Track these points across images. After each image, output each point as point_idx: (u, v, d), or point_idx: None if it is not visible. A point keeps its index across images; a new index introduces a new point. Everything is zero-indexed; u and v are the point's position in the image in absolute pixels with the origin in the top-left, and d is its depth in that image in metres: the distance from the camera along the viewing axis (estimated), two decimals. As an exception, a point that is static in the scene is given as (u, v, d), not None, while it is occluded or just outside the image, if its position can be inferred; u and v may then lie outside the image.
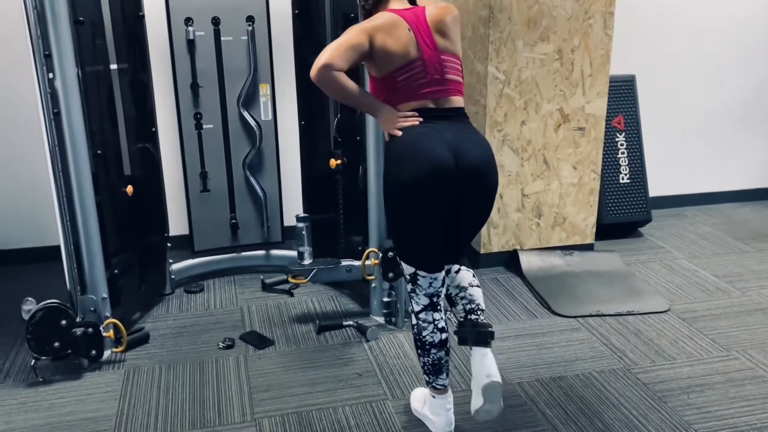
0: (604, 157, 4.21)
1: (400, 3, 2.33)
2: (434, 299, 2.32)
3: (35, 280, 3.59)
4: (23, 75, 2.80)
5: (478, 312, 2.39)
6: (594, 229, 3.96)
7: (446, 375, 2.39)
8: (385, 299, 3.20)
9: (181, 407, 2.61)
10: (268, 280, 3.58)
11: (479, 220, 2.31)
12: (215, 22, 3.37)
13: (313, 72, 2.15)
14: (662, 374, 2.80)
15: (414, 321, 2.36)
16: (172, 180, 3.60)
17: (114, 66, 2.97)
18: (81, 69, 2.70)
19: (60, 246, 2.78)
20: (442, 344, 2.35)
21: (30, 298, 2.85)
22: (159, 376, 2.81)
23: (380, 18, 2.22)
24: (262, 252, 3.74)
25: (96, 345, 2.83)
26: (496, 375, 2.27)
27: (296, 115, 3.59)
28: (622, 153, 4.27)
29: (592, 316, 3.29)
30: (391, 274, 3.10)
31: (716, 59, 4.55)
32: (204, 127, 3.49)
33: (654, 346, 3.02)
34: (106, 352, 2.92)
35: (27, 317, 2.71)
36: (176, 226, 3.69)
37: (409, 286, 2.34)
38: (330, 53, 2.13)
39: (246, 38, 3.42)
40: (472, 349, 2.35)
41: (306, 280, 3.22)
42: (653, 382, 2.74)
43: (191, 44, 3.36)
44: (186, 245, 3.67)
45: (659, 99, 4.46)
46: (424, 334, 2.34)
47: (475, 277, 2.45)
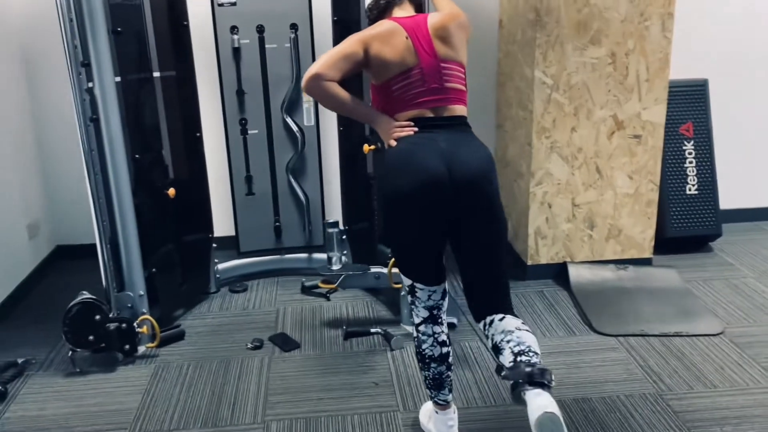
0: (670, 167, 3.97)
1: (404, 11, 2.30)
2: (434, 312, 2.27)
3: (95, 275, 3.80)
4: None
5: (530, 353, 1.98)
6: (652, 243, 3.73)
7: (448, 391, 2.33)
8: (415, 308, 3.15)
9: (199, 404, 2.68)
10: (307, 283, 3.63)
11: (489, 232, 2.14)
12: (260, 30, 3.45)
13: (303, 81, 2.16)
14: (697, 403, 2.60)
15: (414, 333, 2.31)
16: (219, 183, 3.72)
17: (157, 74, 3.10)
18: (120, 77, 2.84)
19: (98, 246, 2.93)
20: (443, 358, 2.28)
21: (84, 292, 3.04)
22: (185, 373, 2.90)
23: (378, 27, 2.20)
24: (304, 255, 3.80)
25: (129, 340, 2.96)
26: (550, 406, 1.84)
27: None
28: (690, 162, 4.00)
29: (634, 335, 3.10)
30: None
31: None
32: (249, 132, 3.58)
33: (695, 371, 2.81)
34: (141, 348, 3.05)
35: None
36: (223, 227, 3.81)
37: (409, 298, 2.29)
38: (321, 63, 2.13)
39: (289, 45, 3.48)
40: (525, 396, 1.89)
41: (335, 286, 3.23)
42: (685, 411, 2.55)
43: (237, 52, 3.46)
44: (232, 246, 3.78)
45: (733, 105, 4.15)
46: (423, 347, 2.29)
47: (525, 324, 2.11)
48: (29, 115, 3.82)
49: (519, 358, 1.97)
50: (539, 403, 1.85)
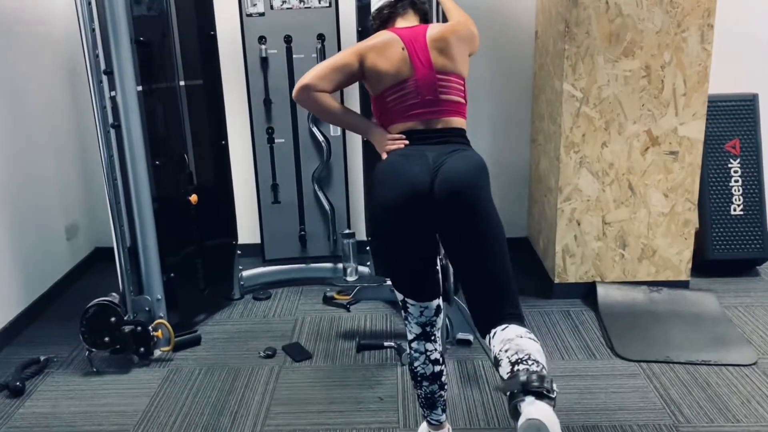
0: (713, 186, 3.77)
1: (407, 21, 2.27)
2: (427, 329, 2.21)
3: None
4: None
5: (529, 361, 1.78)
6: (689, 265, 3.55)
7: (441, 411, 2.28)
8: (430, 323, 3.09)
9: (202, 411, 2.70)
10: (329, 293, 3.61)
11: (479, 245, 2.03)
12: (287, 40, 3.48)
13: (294, 91, 2.15)
14: (715, 438, 2.45)
15: (408, 350, 2.26)
16: (246, 190, 3.76)
17: (181, 82, 3.16)
18: (142, 85, 2.91)
19: (115, 249, 3.00)
20: (435, 377, 2.23)
21: (114, 294, 3.13)
22: (195, 378, 2.93)
23: (375, 38, 2.18)
24: (329, 265, 3.79)
25: (144, 343, 3.02)
26: (538, 413, 1.64)
27: (363, 132, 3.60)
28: (736, 181, 3.79)
29: (658, 362, 2.95)
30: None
31: None
32: (276, 141, 3.61)
33: (720, 403, 2.64)
34: (157, 351, 3.10)
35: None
36: (249, 234, 3.85)
37: (403, 313, 2.25)
38: (313, 74, 2.12)
39: (316, 55, 3.49)
40: (521, 408, 1.70)
41: (350, 297, 3.21)
42: (700, 446, 2.40)
43: (264, 62, 3.49)
44: (258, 253, 3.81)
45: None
46: (415, 364, 2.24)
47: (530, 333, 1.92)
48: (71, 119, 3.97)
49: (517, 367, 1.77)
50: (529, 410, 1.65)
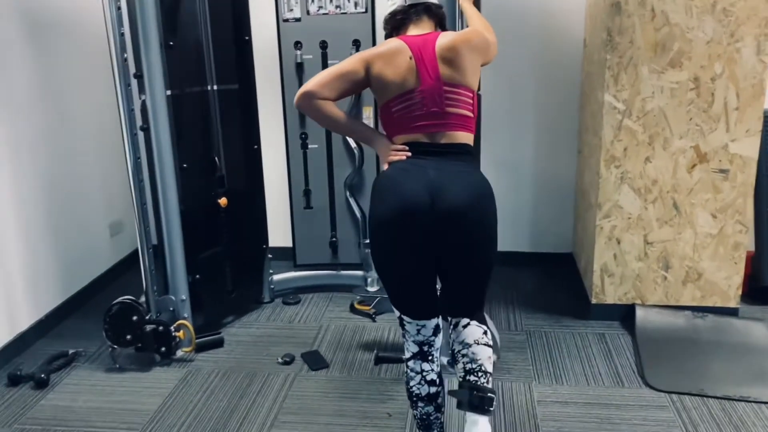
0: (772, 207, 3.52)
1: (420, 28, 2.19)
2: (424, 348, 2.14)
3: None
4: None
5: (479, 374, 2.09)
6: (739, 291, 3.31)
7: (438, 433, 2.20)
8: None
9: (212, 415, 2.71)
10: (356, 302, 3.57)
11: (472, 267, 2.06)
12: (323, 45, 3.46)
13: (295, 98, 2.11)
14: (739, 483, 2.26)
15: (405, 369, 2.19)
16: (278, 195, 3.77)
17: (213, 87, 3.19)
18: (171, 89, 2.95)
19: (140, 249, 3.05)
20: (431, 398, 2.15)
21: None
22: (211, 381, 2.95)
23: (384, 45, 2.12)
24: (360, 272, 3.74)
25: (165, 342, 3.06)
26: None
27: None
28: (797, 203, 3.51)
29: (691, 394, 2.76)
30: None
31: None
32: (309, 146, 3.60)
33: (751, 445, 2.44)
34: (179, 351, 3.14)
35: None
36: (281, 238, 3.86)
37: (401, 330, 2.18)
38: (315, 81, 2.08)
39: (351, 61, 3.45)
40: (466, 415, 2.07)
41: (369, 308, 3.15)
42: (721, 491, 2.22)
43: (300, 67, 3.48)
44: (289, 257, 3.81)
45: None
46: (411, 384, 2.16)
47: (486, 334, 2.17)
48: (115, 118, 4.06)
49: (468, 377, 2.09)
50: (470, 429, 2.00)
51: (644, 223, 3.28)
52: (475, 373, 2.09)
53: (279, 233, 3.84)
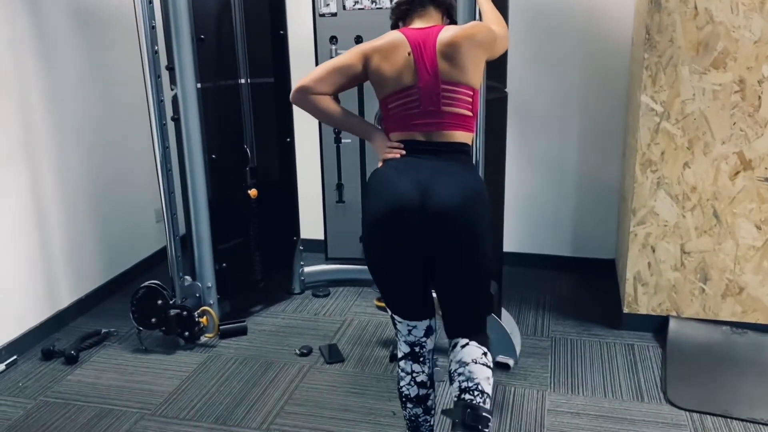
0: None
1: (424, 21, 2.13)
2: (416, 349, 2.12)
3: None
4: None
5: (475, 392, 1.97)
6: (785, 308, 3.11)
7: (426, 436, 2.17)
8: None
9: (222, 401, 2.77)
10: (377, 298, 3.58)
11: (461, 271, 2.00)
12: (358, 40, 3.46)
13: (291, 94, 2.11)
14: None
15: (397, 368, 2.17)
16: (311, 188, 3.80)
17: (244, 80, 3.25)
18: (201, 82, 3.03)
19: (166, 236, 3.15)
20: (420, 400, 2.12)
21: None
22: (228, 368, 3.02)
23: (383, 38, 2.08)
24: (390, 269, 3.73)
25: (189, 327, 3.15)
26: None
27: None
28: None
29: (714, 415, 2.61)
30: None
31: None
32: (342, 141, 3.61)
33: (770, 474, 2.29)
34: (203, 337, 3.23)
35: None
36: (313, 230, 3.89)
37: (395, 329, 2.16)
38: (311, 76, 2.07)
39: (385, 57, 3.44)
40: None
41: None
42: None
43: (335, 61, 3.49)
44: (321, 249, 3.84)
45: None
46: (401, 384, 2.15)
47: (486, 356, 2.05)
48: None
49: (463, 396, 1.98)
50: None
51: (681, 232, 3.12)
52: (471, 392, 1.98)
53: (311, 226, 3.87)
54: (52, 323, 3.36)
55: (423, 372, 2.12)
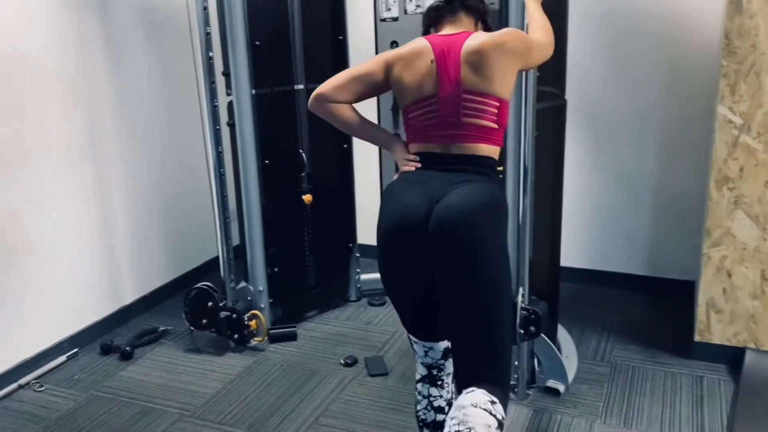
0: None
1: (455, 27, 2.02)
2: (433, 372, 2.02)
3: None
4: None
5: None
6: None
7: (444, 463, 2.05)
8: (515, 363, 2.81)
9: (260, 407, 2.77)
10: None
11: (466, 291, 1.80)
12: (419, 45, 3.38)
13: (309, 100, 2.06)
14: None
15: (414, 391, 2.08)
16: (370, 195, 3.74)
17: (300, 86, 3.25)
18: (256, 88, 3.05)
19: (217, 239, 3.19)
20: (436, 426, 2.02)
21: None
22: (272, 373, 3.02)
23: (408, 46, 1.99)
24: (447, 281, 3.62)
25: (238, 330, 3.17)
26: None
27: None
28: None
29: (782, 464, 2.35)
30: (522, 332, 2.67)
31: None
32: (402, 147, 3.53)
33: None
34: (252, 340, 3.25)
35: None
36: (373, 237, 3.81)
37: (412, 349, 2.07)
38: (330, 83, 2.01)
39: (445, 62, 3.33)
40: None
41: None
42: None
43: (395, 67, 3.42)
44: (380, 259, 3.78)
45: None
46: (418, 408, 2.06)
47: (494, 404, 1.72)
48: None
49: None
50: None
51: (762, 257, 2.83)
52: None
53: (370, 233, 3.81)
54: (115, 318, 3.48)
55: (441, 397, 2.02)
